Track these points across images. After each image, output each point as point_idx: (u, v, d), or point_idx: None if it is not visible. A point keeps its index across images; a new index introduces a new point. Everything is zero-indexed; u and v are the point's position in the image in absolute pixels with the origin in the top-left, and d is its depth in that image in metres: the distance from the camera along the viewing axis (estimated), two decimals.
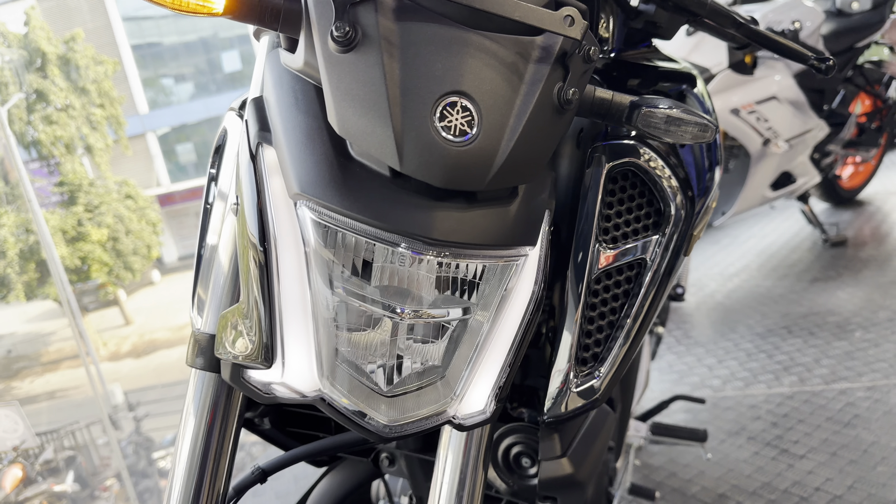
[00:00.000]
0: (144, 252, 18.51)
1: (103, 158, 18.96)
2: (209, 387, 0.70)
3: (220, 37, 24.05)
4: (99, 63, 19.15)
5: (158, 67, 24.13)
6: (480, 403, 0.65)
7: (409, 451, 1.02)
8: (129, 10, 23.73)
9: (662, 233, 0.79)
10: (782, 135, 3.28)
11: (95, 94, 18.99)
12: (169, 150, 24.22)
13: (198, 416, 0.70)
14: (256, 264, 0.59)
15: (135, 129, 22.32)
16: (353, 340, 0.60)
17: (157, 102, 24.17)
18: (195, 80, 24.32)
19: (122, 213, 18.08)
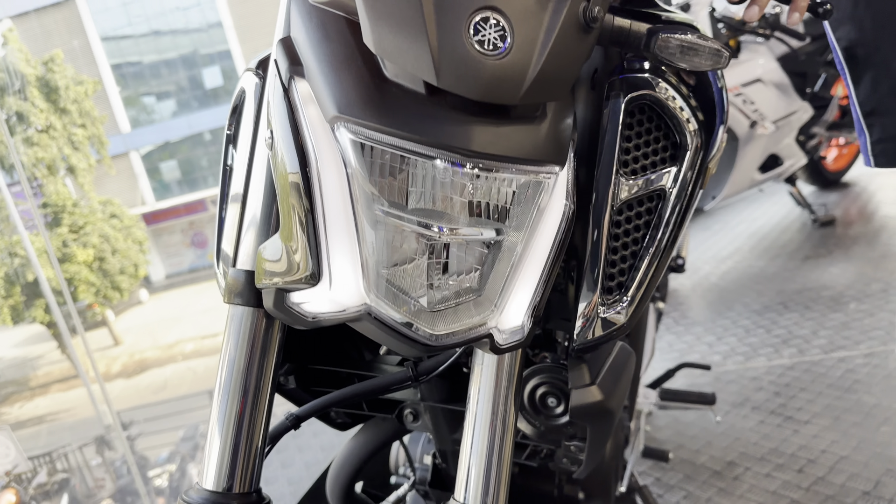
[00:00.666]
0: (132, 271, 18.38)
1: (86, 178, 18.85)
2: (247, 322, 0.71)
3: (200, 53, 24.03)
4: (79, 83, 19.07)
5: (139, 86, 24.05)
6: (518, 318, 0.67)
7: (433, 403, 1.03)
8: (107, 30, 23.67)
9: (680, 164, 0.81)
10: (768, 116, 3.33)
11: (76, 115, 18.90)
12: (153, 168, 24.11)
13: (237, 353, 0.71)
14: (297, 191, 0.61)
15: (117, 148, 22.20)
16: (395, 258, 0.62)
17: (140, 121, 24.07)
18: (177, 97, 24.26)
19: (108, 233, 17.97)
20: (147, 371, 17.93)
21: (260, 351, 0.71)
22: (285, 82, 0.65)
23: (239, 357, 0.71)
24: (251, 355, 0.71)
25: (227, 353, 0.72)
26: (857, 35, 1.28)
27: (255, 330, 0.71)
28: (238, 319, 0.72)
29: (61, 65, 18.56)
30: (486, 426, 0.76)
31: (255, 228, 0.72)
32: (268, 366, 0.72)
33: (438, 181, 0.61)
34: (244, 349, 0.71)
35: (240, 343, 0.71)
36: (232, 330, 0.72)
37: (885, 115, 1.28)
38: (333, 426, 1.16)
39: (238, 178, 0.79)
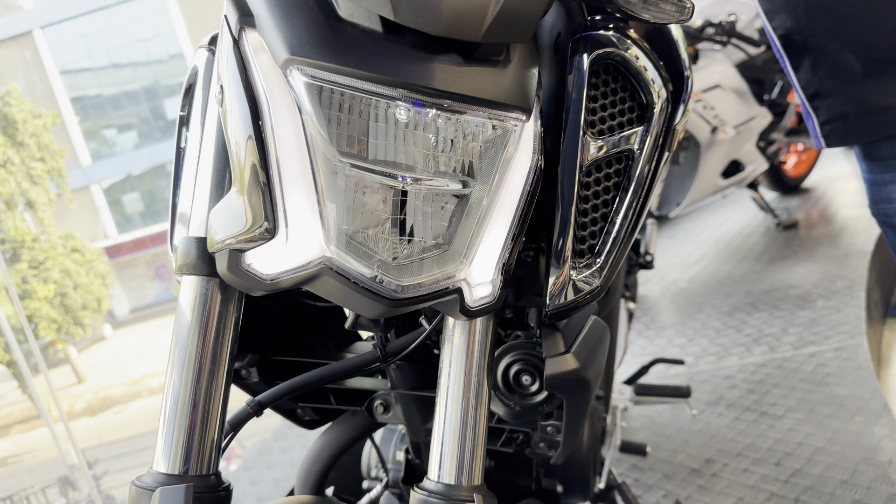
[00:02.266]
0: (94, 306, 17.98)
1: (46, 213, 18.48)
2: (201, 294, 0.67)
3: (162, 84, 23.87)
4: (37, 116, 18.77)
5: (100, 118, 23.77)
6: (488, 273, 0.64)
7: (405, 390, 0.99)
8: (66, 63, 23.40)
9: (647, 124, 0.79)
10: (729, 122, 3.38)
11: (35, 148, 18.57)
12: (115, 200, 23.74)
13: (191, 327, 0.66)
14: (250, 142, 0.58)
15: (78, 181, 21.85)
16: (356, 210, 0.59)
17: (101, 153, 23.75)
18: (138, 128, 24.02)
19: (69, 268, 17.58)
20: (112, 408, 17.45)
21: (216, 324, 0.67)
22: (235, 34, 0.62)
23: (193, 331, 0.66)
24: (206, 329, 0.67)
25: (180, 328, 0.67)
26: (792, 22, 1.33)
27: (210, 302, 0.67)
28: (191, 292, 0.67)
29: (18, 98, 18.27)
30: (459, 400, 0.72)
31: (206, 194, 0.68)
32: (224, 341, 0.68)
33: (400, 125, 0.58)
34: (198, 323, 0.66)
35: (193, 316, 0.67)
36: (185, 303, 0.67)
37: (828, 97, 1.32)
38: (301, 424, 1.11)
39: (191, 156, 0.76)
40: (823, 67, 1.32)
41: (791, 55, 1.35)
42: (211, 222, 0.63)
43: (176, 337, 0.67)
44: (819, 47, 1.31)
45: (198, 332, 0.66)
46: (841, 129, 1.34)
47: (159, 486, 0.62)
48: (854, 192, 4.06)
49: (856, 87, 1.29)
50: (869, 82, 1.27)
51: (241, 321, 0.70)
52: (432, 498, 0.69)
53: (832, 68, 1.31)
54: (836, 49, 1.28)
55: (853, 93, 1.30)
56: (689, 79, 0.89)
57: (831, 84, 1.32)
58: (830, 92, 1.32)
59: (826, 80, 1.32)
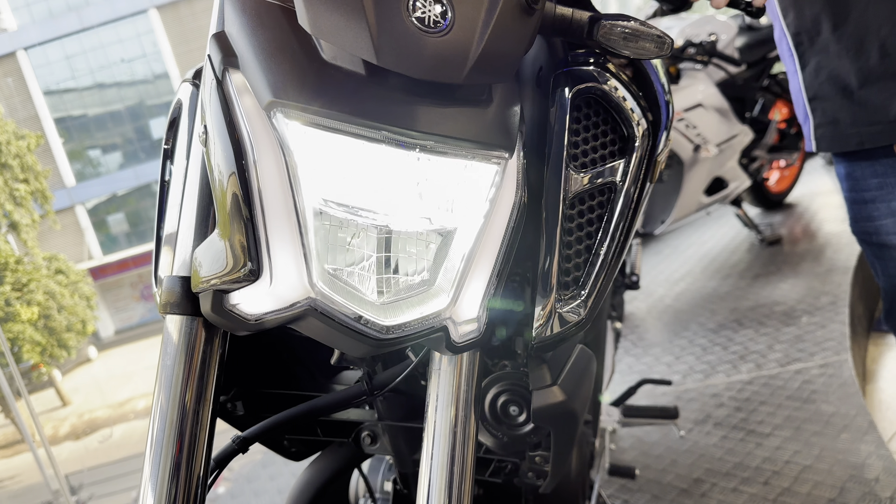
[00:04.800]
0: (79, 328, 17.78)
1: (30, 234, 18.31)
2: (185, 333, 0.67)
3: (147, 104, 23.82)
4: (20, 137, 18.65)
5: (84, 139, 23.66)
6: (473, 310, 0.64)
7: (392, 422, 0.99)
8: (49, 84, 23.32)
9: (629, 156, 0.80)
10: (711, 140, 3.42)
11: (18, 170, 18.44)
12: (99, 221, 23.58)
13: (175, 367, 0.66)
14: (234, 183, 0.58)
15: (63, 202, 21.70)
16: (340, 247, 0.59)
17: (85, 174, 23.62)
18: (123, 149, 23.91)
19: (53, 290, 17.39)
20: (97, 431, 17.21)
21: (200, 364, 0.67)
22: (219, 75, 0.62)
23: (177, 371, 0.66)
24: (190, 369, 0.66)
25: (164, 367, 0.67)
26: (800, 22, 1.35)
27: (195, 341, 0.67)
28: (175, 331, 0.67)
29: (1, 119, 18.15)
30: (447, 435, 0.72)
31: (190, 232, 0.68)
32: (209, 379, 0.67)
33: (384, 167, 0.58)
34: (182, 362, 0.66)
35: (177, 356, 0.67)
36: (169, 342, 0.67)
37: (825, 101, 1.34)
38: (287, 456, 1.10)
39: (176, 191, 0.75)
40: (825, 70, 1.34)
41: (800, 55, 1.37)
42: (195, 261, 0.63)
43: (161, 374, 0.67)
44: (823, 50, 1.33)
45: (182, 370, 0.66)
46: (831, 134, 1.36)
47: None
48: (836, 208, 4.11)
49: (849, 95, 1.31)
50: (860, 92, 1.29)
51: (226, 357, 0.70)
52: None
53: (831, 73, 1.33)
54: (836, 54, 1.31)
55: (846, 100, 1.32)
56: (670, 105, 0.90)
57: (829, 88, 1.34)
58: (827, 96, 1.35)
59: (825, 84, 1.34)
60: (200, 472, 0.66)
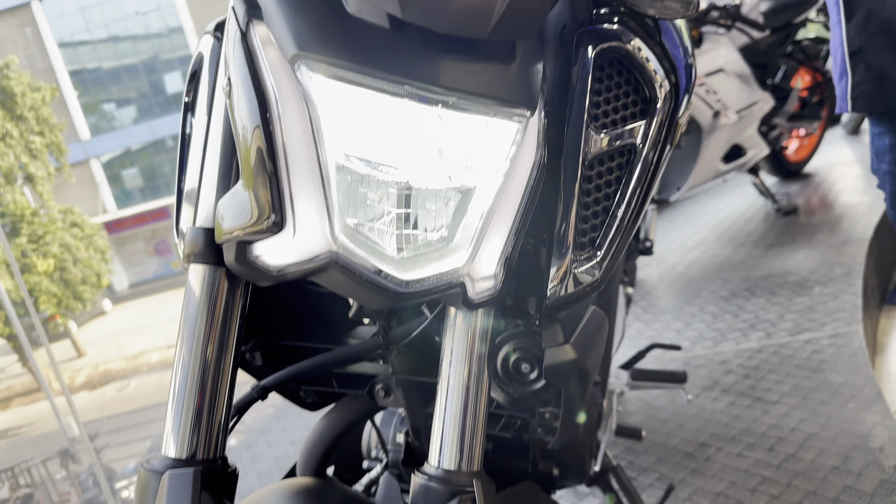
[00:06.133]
0: (94, 281, 18.01)
1: (46, 187, 18.44)
2: (208, 283, 0.68)
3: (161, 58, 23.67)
4: (35, 90, 18.64)
5: (99, 92, 23.61)
6: (491, 267, 0.65)
7: (406, 376, 1.01)
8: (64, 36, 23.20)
9: (650, 119, 0.80)
10: (731, 106, 3.37)
11: (34, 122, 18.48)
12: (114, 175, 23.67)
13: (198, 315, 0.68)
14: (258, 136, 0.59)
15: (77, 156, 21.77)
16: (361, 201, 0.60)
17: (100, 128, 23.63)
18: (137, 103, 23.86)
19: (69, 242, 17.58)
20: (112, 382, 17.56)
21: (223, 312, 0.68)
22: (243, 27, 0.62)
23: (200, 320, 0.68)
24: (212, 318, 0.68)
25: (187, 317, 0.68)
26: None
27: (217, 291, 0.68)
28: (198, 281, 0.68)
29: (16, 71, 18.13)
30: (460, 388, 0.73)
31: (213, 184, 0.69)
32: (231, 328, 0.69)
33: (406, 122, 0.59)
34: (206, 310, 0.68)
35: (200, 306, 0.68)
36: (192, 291, 0.69)
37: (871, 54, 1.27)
38: (303, 406, 1.13)
39: (197, 144, 0.76)
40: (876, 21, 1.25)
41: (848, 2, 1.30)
42: (219, 213, 0.64)
43: (184, 324, 0.69)
44: None
45: (205, 320, 0.68)
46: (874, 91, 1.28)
47: (168, 469, 0.63)
48: (855, 179, 4.06)
49: None
50: None
51: (247, 308, 0.71)
52: (432, 483, 0.71)
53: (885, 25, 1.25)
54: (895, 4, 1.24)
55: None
56: (693, 68, 0.90)
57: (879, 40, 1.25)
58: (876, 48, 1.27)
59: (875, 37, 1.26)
60: (222, 419, 0.68)
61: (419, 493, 0.72)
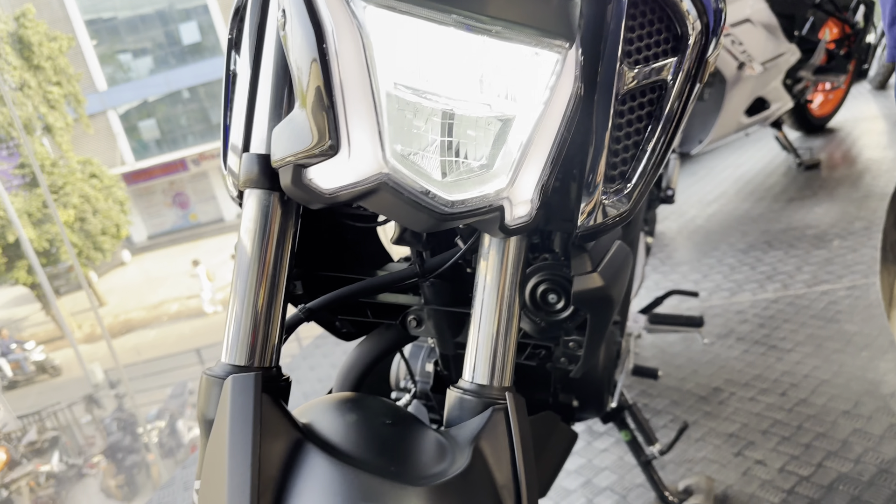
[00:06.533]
0: (113, 231, 18.20)
1: (64, 138, 18.50)
2: (263, 206, 0.72)
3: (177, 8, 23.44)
4: (52, 39, 18.57)
5: (115, 42, 23.47)
6: (528, 192, 0.69)
7: (437, 306, 1.05)
8: None
9: (681, 56, 0.82)
10: (756, 58, 3.34)
11: (51, 72, 18.45)
12: (131, 127, 23.70)
13: (255, 236, 0.72)
14: (315, 66, 0.62)
15: (94, 107, 21.78)
16: (409, 129, 0.63)
17: (116, 79, 23.57)
18: (154, 53, 23.73)
19: (88, 193, 17.72)
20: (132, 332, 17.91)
21: (277, 233, 0.73)
22: None
23: (256, 239, 0.72)
24: (268, 237, 0.73)
25: (245, 237, 0.73)
26: None
27: (271, 213, 0.73)
28: (253, 206, 0.73)
29: (34, 20, 18.04)
30: (494, 310, 0.78)
31: (266, 113, 0.73)
32: (285, 247, 0.74)
33: (452, 51, 0.62)
34: (261, 232, 0.72)
35: (256, 230, 0.73)
36: (248, 215, 0.73)
37: None
38: (339, 336, 1.19)
39: (243, 79, 0.80)
40: None
41: None
42: (274, 140, 0.68)
43: (241, 245, 0.73)
44: None
45: (261, 240, 0.72)
46: None
47: (229, 375, 0.69)
48: (879, 134, 4.02)
49: None
50: None
51: (298, 233, 0.76)
52: (467, 395, 0.76)
53: None
54: None
55: None
56: (723, 12, 0.91)
57: None
58: None
59: None
60: (277, 332, 0.73)
61: (454, 405, 0.77)
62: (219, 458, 0.65)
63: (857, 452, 1.68)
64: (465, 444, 0.72)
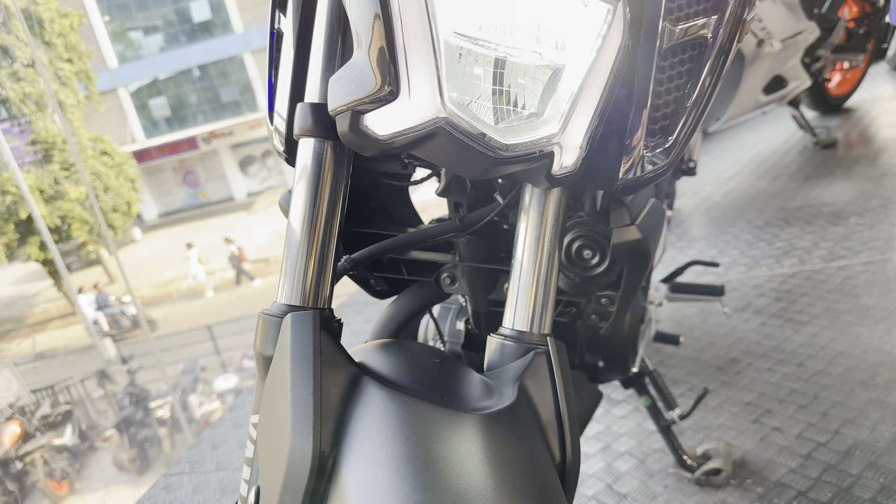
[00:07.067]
0: (124, 209, 18.31)
1: (75, 115, 18.55)
2: (318, 153, 0.75)
3: None
4: (63, 16, 18.56)
5: (125, 20, 23.43)
6: (578, 139, 0.71)
7: (472, 263, 1.08)
8: None
9: (721, 14, 0.84)
10: (776, 35, 3.32)
11: (62, 49, 18.47)
12: (142, 104, 23.72)
13: (309, 183, 0.75)
14: (377, 13, 0.64)
15: (105, 84, 21.80)
16: (465, 76, 0.66)
17: (126, 56, 23.55)
18: (164, 31, 23.67)
19: (99, 170, 17.81)
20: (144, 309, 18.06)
21: (330, 180, 0.76)
22: None
23: (310, 187, 0.75)
24: (321, 185, 0.75)
25: (300, 184, 0.76)
26: None
27: (325, 161, 0.75)
28: (309, 152, 0.76)
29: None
30: (533, 260, 0.80)
31: (321, 63, 0.75)
32: (338, 194, 0.76)
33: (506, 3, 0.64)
34: (315, 179, 0.75)
35: (310, 177, 0.75)
36: (303, 163, 0.76)
37: None
38: (373, 294, 1.22)
39: (289, 38, 0.82)
40: None
41: None
42: (331, 87, 0.70)
43: (295, 193, 0.76)
44: None
45: (315, 187, 0.75)
46: None
47: (286, 314, 0.72)
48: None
49: None
50: None
51: (350, 182, 0.78)
52: (508, 341, 0.79)
53: None
54: None
55: None
56: None
57: None
58: None
59: None
60: (330, 276, 0.76)
61: (495, 350, 0.80)
62: (280, 390, 0.68)
63: (873, 420, 1.71)
64: (509, 383, 0.75)
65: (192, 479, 1.94)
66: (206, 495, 1.87)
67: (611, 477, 1.74)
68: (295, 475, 0.65)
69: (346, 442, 0.66)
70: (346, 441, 0.66)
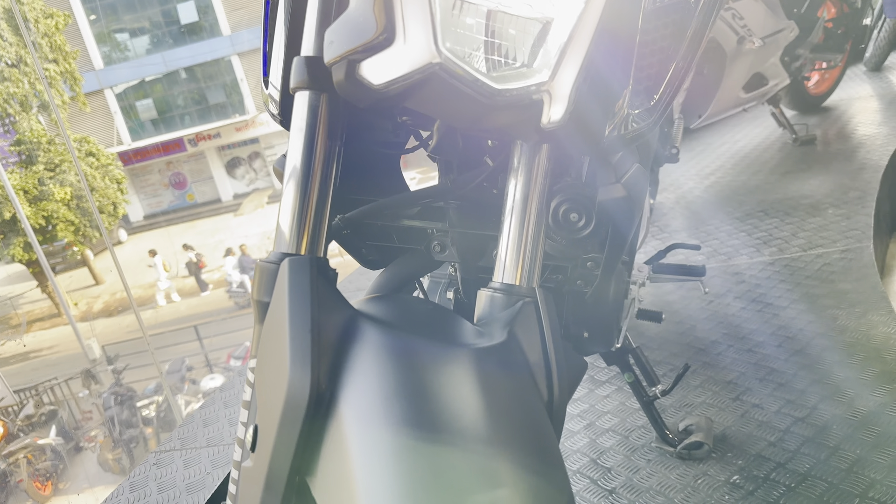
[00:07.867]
0: (110, 210, 18.21)
1: (61, 115, 18.42)
2: (314, 106, 0.79)
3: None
4: (49, 16, 18.46)
5: (111, 21, 23.31)
6: (565, 91, 0.75)
7: (462, 229, 1.13)
8: None
9: None
10: (756, 33, 3.40)
11: (48, 49, 18.36)
12: (128, 106, 23.59)
13: (305, 135, 0.79)
14: None
15: (91, 85, 21.67)
16: (458, 26, 0.70)
17: (112, 58, 23.43)
18: (151, 33, 23.57)
19: (85, 171, 17.70)
20: (129, 310, 17.93)
21: (326, 132, 0.80)
22: None
23: (307, 139, 0.79)
24: (317, 136, 0.79)
25: (295, 137, 0.80)
26: None
27: (320, 112, 0.80)
28: (304, 105, 0.80)
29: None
30: (522, 215, 0.85)
31: (316, 18, 0.80)
32: (333, 146, 0.81)
33: None
34: (310, 131, 0.79)
35: (306, 129, 0.80)
36: (299, 115, 0.80)
37: None
38: (364, 263, 1.26)
39: None
40: None
41: None
42: (328, 39, 0.74)
43: (292, 145, 0.80)
44: None
45: (310, 139, 0.79)
46: None
47: (280, 260, 0.75)
48: (874, 112, 4.10)
49: None
50: None
51: (345, 135, 0.83)
52: (497, 294, 0.83)
53: None
54: None
55: None
56: None
57: None
58: None
59: None
60: (325, 227, 0.80)
61: (485, 303, 0.84)
62: (279, 331, 0.72)
63: (849, 396, 1.77)
64: (499, 329, 0.79)
65: (183, 455, 1.97)
66: (197, 469, 1.90)
67: (595, 452, 1.79)
68: (293, 410, 0.67)
69: (343, 378, 0.70)
70: (342, 377, 0.70)
